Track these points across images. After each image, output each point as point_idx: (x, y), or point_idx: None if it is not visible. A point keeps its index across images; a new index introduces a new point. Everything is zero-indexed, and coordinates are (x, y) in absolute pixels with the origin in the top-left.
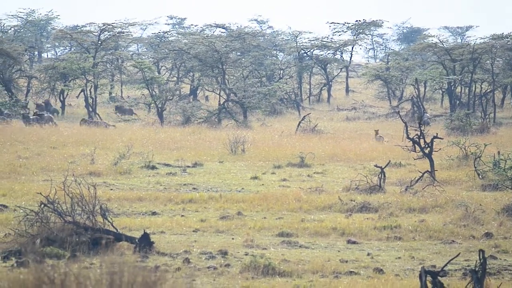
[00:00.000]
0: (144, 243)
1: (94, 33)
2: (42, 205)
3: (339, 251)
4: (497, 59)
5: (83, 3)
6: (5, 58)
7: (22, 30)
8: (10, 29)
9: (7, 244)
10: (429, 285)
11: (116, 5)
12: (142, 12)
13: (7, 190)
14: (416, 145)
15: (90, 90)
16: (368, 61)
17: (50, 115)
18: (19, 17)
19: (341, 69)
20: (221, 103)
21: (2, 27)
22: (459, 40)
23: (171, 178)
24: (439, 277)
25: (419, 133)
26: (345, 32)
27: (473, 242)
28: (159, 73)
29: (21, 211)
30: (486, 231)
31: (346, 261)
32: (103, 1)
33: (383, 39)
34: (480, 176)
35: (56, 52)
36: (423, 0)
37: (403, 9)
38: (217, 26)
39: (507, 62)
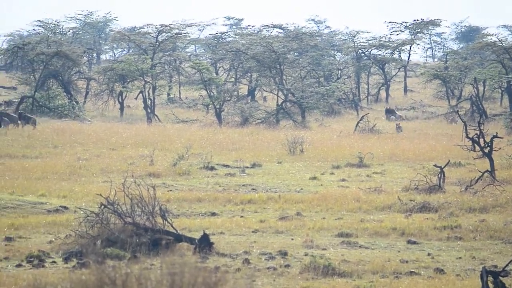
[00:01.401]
0: (204, 244)
1: (152, 35)
2: (102, 207)
3: (399, 251)
4: None
5: (141, 4)
6: (64, 60)
7: (81, 32)
8: (69, 31)
9: (68, 245)
10: (490, 285)
11: (174, 6)
12: (200, 13)
13: (68, 192)
14: (475, 144)
15: (148, 91)
16: (426, 60)
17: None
18: (78, 19)
19: (399, 68)
20: (279, 103)
21: (61, 29)
22: None
23: (230, 179)
24: (500, 277)
25: (478, 132)
26: (403, 31)
27: None
28: (217, 74)
29: (82, 212)
30: None
31: (407, 261)
32: (161, 2)
33: (441, 38)
34: None
35: (114, 53)
36: None
37: (461, 8)
38: (275, 26)
39: None
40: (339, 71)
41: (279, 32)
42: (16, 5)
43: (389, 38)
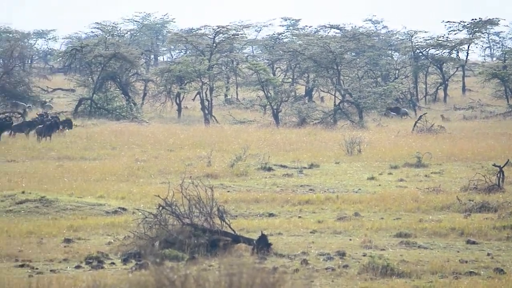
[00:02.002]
0: (262, 245)
1: (209, 36)
2: (161, 208)
3: (458, 251)
4: None
5: (198, 6)
6: (122, 62)
7: (138, 34)
8: (127, 33)
9: (127, 247)
10: None
11: (231, 8)
12: (257, 14)
13: (126, 193)
14: None
15: (205, 92)
16: (484, 59)
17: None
18: (135, 21)
19: (457, 68)
20: (337, 103)
21: (119, 31)
22: None
23: (287, 180)
24: None
25: None
26: (461, 31)
27: None
28: (274, 74)
29: (140, 213)
30: None
31: (466, 261)
32: (218, 4)
33: (500, 37)
34: None
35: (171, 55)
36: None
37: None
38: (332, 27)
39: None
40: (397, 71)
41: (336, 33)
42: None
43: (447, 37)
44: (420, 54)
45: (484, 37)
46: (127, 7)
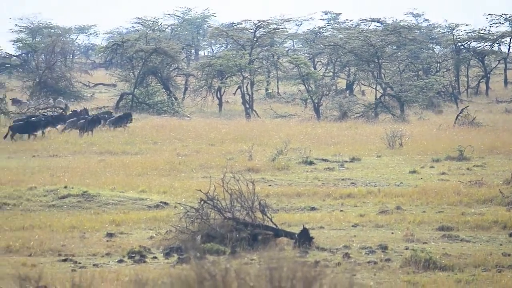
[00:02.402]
0: (304, 239)
1: (249, 30)
2: (202, 202)
3: (501, 245)
4: None
5: (239, 0)
6: (163, 56)
7: (179, 28)
8: (168, 27)
9: (168, 241)
10: None
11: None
12: (297, 8)
13: (168, 188)
14: None
15: (246, 86)
16: None
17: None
18: (176, 16)
19: (499, 61)
20: (378, 97)
21: (160, 26)
22: None
23: (329, 173)
24: None
25: None
26: (502, 23)
27: None
28: (315, 68)
29: (182, 208)
30: None
31: (509, 255)
32: None
33: None
34: None
35: (212, 49)
36: None
37: None
38: (373, 20)
39: None
40: (438, 64)
41: (377, 26)
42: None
43: (489, 30)
44: (462, 47)
45: None
46: (168, 2)
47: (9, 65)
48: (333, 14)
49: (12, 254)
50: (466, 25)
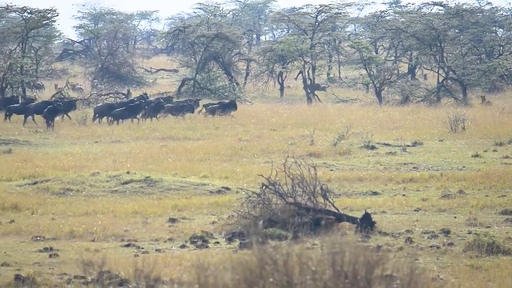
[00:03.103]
0: (366, 223)
1: (311, 15)
2: (264, 187)
3: None
4: None
5: None
6: (224, 42)
7: (240, 13)
8: (229, 13)
9: (231, 226)
10: None
11: None
12: None
13: (229, 173)
14: None
15: (308, 71)
16: None
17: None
18: (237, 1)
19: None
20: (440, 81)
21: (221, 12)
22: None
23: (391, 158)
24: None
25: None
26: None
27: None
28: (376, 52)
29: (243, 193)
30: None
31: None
32: None
33: None
34: None
35: (274, 34)
36: None
37: None
38: (435, 4)
39: None
40: (501, 47)
41: (439, 10)
42: None
43: None
44: None
45: None
46: None
47: (71, 52)
48: None
49: (75, 240)
50: None
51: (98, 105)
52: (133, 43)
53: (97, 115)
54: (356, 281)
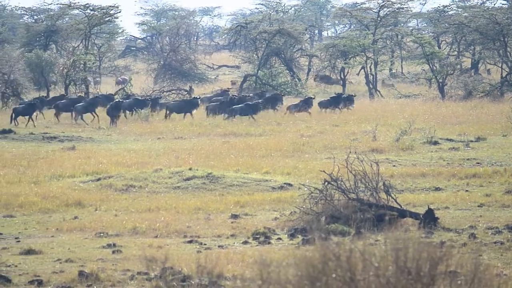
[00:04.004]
0: (429, 219)
1: (373, 10)
2: (326, 183)
3: None
4: None
5: None
6: (286, 38)
7: (303, 9)
8: (291, 8)
9: (293, 222)
10: None
11: None
12: None
13: (292, 169)
14: None
15: (370, 67)
16: None
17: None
18: None
19: None
20: (504, 76)
21: (283, 7)
22: None
23: (453, 153)
24: None
25: None
26: None
27: None
28: (439, 47)
29: (306, 189)
30: None
31: None
32: None
33: None
34: None
35: (336, 30)
36: None
37: None
38: None
39: None
40: None
41: (502, 4)
42: None
43: None
44: None
45: None
46: None
47: (134, 48)
48: None
49: (138, 236)
50: None
51: (173, 102)
52: (195, 39)
53: (168, 112)
54: (419, 277)
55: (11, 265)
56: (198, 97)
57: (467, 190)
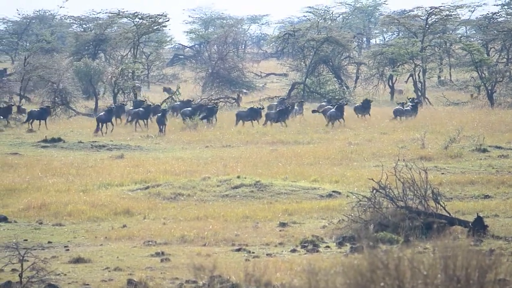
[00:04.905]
0: (478, 227)
1: (421, 17)
2: (374, 191)
3: None
4: None
5: None
6: (334, 45)
7: (350, 17)
8: (339, 16)
9: (341, 230)
10: None
11: None
12: None
13: (340, 177)
14: None
15: (418, 74)
16: None
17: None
18: (347, 4)
19: None
20: None
21: (331, 15)
22: None
23: (503, 161)
24: None
25: None
26: None
27: None
28: (488, 55)
29: (354, 197)
30: None
31: None
32: None
33: None
34: None
35: (384, 37)
36: None
37: None
38: None
39: None
40: None
41: None
42: None
43: None
44: None
45: None
46: None
47: (182, 56)
48: None
49: (187, 244)
50: None
51: (242, 110)
52: (243, 47)
53: (239, 119)
54: (468, 286)
55: (61, 274)
56: (261, 108)
57: None
